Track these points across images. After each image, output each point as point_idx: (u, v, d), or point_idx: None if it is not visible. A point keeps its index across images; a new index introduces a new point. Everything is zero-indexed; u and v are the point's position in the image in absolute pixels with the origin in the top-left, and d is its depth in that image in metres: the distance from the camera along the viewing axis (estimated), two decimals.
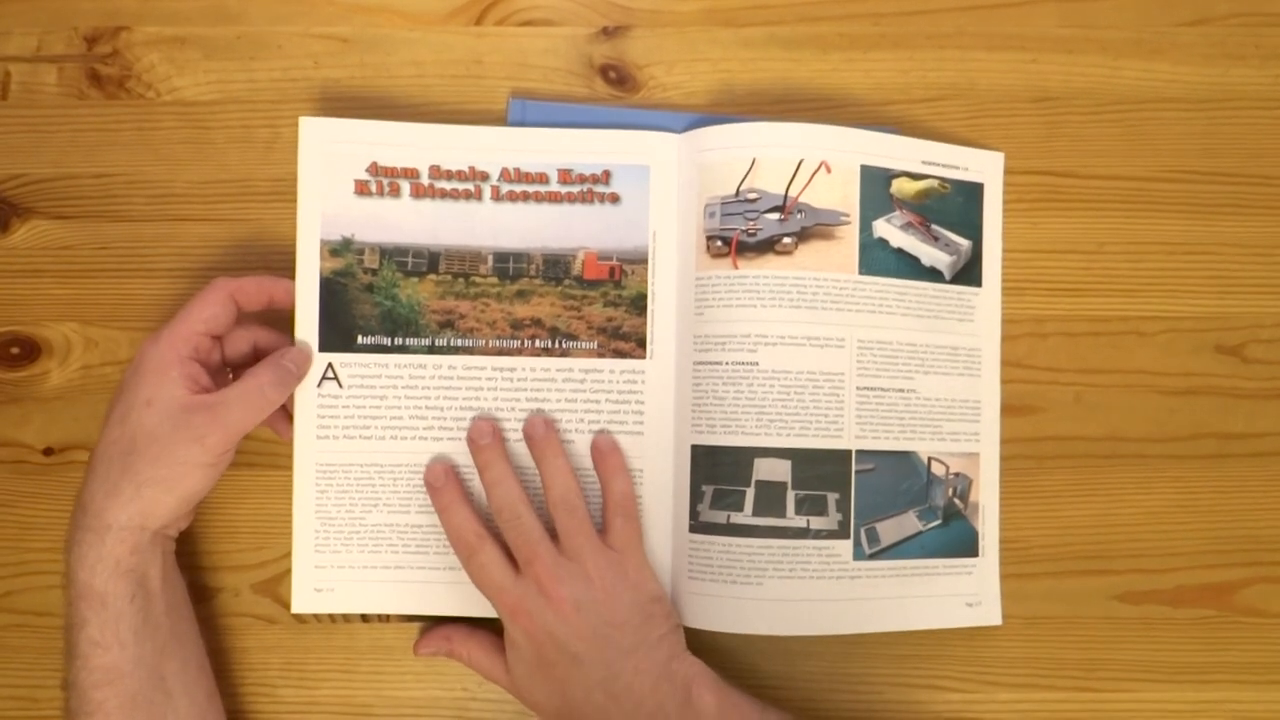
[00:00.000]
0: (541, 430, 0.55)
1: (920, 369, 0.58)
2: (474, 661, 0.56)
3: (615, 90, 0.61)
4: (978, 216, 0.59)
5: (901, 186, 0.58)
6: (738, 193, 0.57)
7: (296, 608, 0.57)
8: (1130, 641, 0.59)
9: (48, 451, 0.59)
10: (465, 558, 0.54)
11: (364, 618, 0.59)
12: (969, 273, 0.59)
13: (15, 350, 0.60)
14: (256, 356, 0.56)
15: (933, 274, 0.58)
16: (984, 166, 0.60)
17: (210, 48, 0.61)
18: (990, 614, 0.59)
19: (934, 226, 0.58)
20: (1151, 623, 0.59)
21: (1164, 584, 0.60)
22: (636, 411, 0.57)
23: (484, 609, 0.56)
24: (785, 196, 0.57)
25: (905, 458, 0.57)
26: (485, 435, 0.55)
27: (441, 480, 0.55)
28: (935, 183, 0.58)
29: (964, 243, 0.59)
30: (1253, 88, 0.61)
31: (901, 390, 0.57)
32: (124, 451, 0.50)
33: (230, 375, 0.56)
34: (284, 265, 0.57)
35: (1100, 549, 0.60)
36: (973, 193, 0.59)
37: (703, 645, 0.58)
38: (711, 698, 0.52)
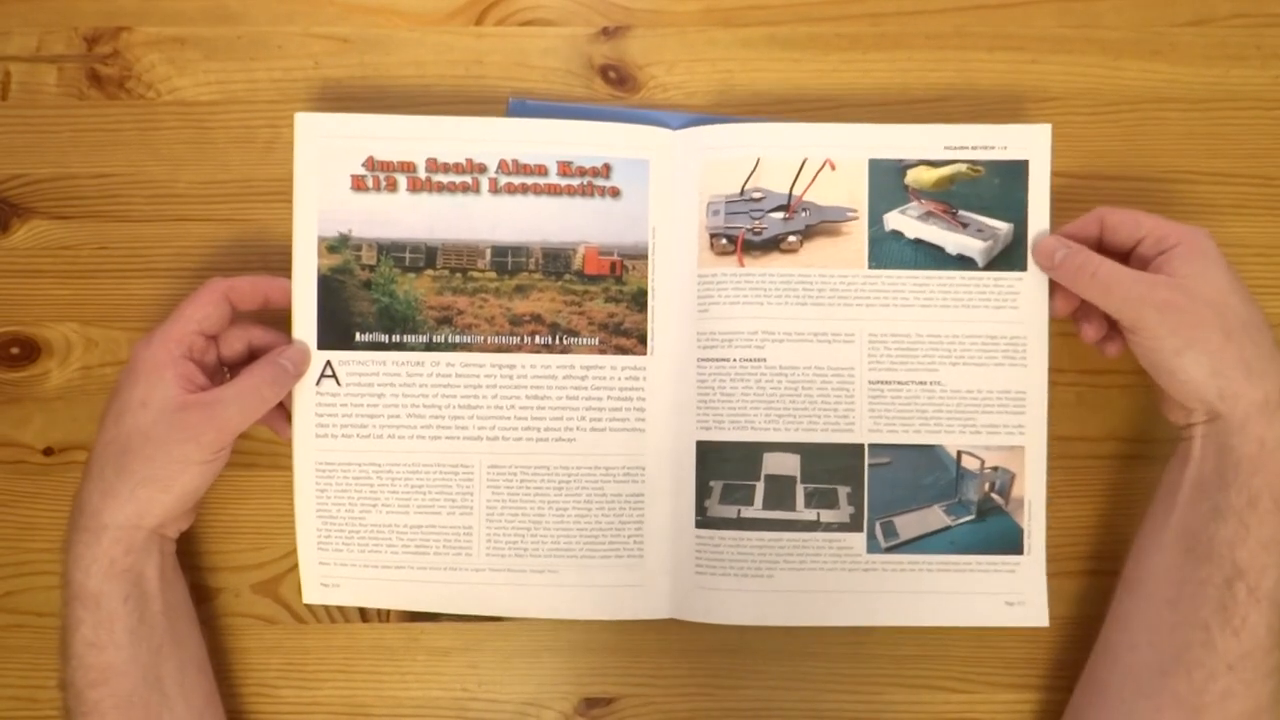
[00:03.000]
0: None
1: (946, 360, 0.57)
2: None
3: (615, 90, 0.61)
4: (1021, 196, 0.56)
5: (919, 176, 0.57)
6: (742, 192, 0.57)
7: (308, 599, 0.57)
8: None
9: (48, 451, 0.59)
10: None
11: (364, 617, 0.59)
12: (1009, 257, 0.56)
13: (15, 350, 0.60)
14: (253, 356, 0.55)
15: (963, 262, 0.57)
16: (1028, 142, 0.56)
17: (210, 48, 0.61)
18: (1036, 614, 0.57)
19: (962, 213, 0.56)
20: None
21: None
22: (638, 408, 0.57)
23: (483, 608, 0.56)
24: (789, 195, 0.57)
25: (928, 451, 0.57)
26: None
27: None
28: (963, 167, 0.57)
29: (1003, 226, 0.56)
30: (1253, 88, 0.61)
31: (923, 383, 0.57)
32: (119, 452, 0.50)
33: (227, 374, 0.56)
34: (284, 265, 0.57)
35: (1100, 549, 0.60)
36: (1012, 172, 0.57)
37: (707, 643, 0.58)
38: None
